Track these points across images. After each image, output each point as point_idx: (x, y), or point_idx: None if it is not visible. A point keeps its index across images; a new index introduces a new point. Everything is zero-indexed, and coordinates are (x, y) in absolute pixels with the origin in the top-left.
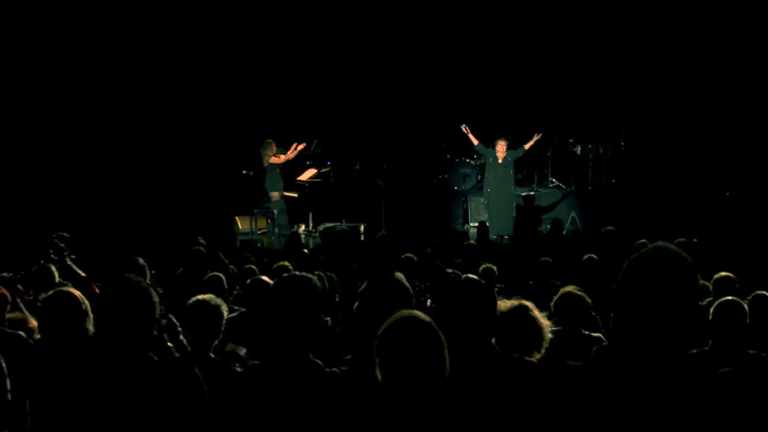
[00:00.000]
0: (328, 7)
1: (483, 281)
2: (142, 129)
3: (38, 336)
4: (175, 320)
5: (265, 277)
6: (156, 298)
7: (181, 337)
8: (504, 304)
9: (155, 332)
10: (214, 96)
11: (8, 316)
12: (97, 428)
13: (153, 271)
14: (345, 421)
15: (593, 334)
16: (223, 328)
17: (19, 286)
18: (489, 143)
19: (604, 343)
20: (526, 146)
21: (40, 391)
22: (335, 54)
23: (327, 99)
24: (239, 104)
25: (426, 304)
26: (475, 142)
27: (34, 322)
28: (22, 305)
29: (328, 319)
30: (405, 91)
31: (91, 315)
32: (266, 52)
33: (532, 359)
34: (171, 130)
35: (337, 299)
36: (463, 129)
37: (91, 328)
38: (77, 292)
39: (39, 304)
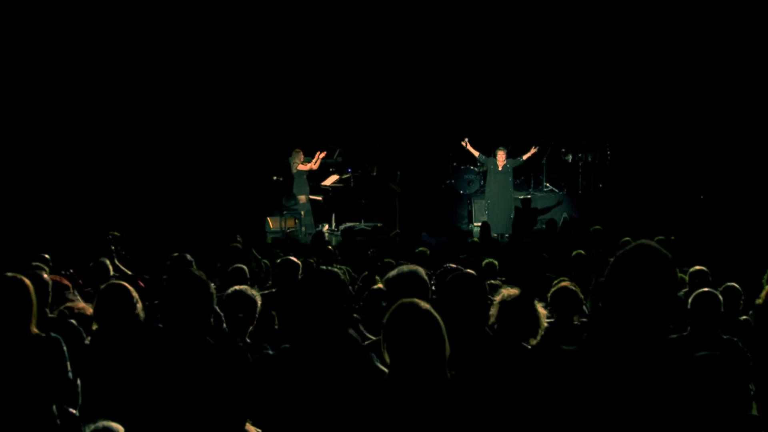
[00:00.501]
0: (352, 38)
1: (476, 275)
2: (178, 138)
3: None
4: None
5: (293, 257)
6: (213, 291)
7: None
8: (507, 292)
9: (212, 320)
10: (245, 107)
11: (70, 304)
12: (160, 401)
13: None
14: (367, 399)
15: (584, 323)
16: (257, 316)
17: (80, 280)
18: (490, 152)
19: (594, 331)
20: (524, 157)
21: (96, 372)
22: (354, 74)
23: (347, 113)
24: (267, 116)
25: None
26: (476, 153)
27: (91, 310)
28: (77, 296)
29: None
30: (417, 105)
31: (140, 304)
32: (293, 70)
33: (529, 345)
34: (204, 138)
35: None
36: (464, 144)
37: (141, 314)
38: (127, 284)
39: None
